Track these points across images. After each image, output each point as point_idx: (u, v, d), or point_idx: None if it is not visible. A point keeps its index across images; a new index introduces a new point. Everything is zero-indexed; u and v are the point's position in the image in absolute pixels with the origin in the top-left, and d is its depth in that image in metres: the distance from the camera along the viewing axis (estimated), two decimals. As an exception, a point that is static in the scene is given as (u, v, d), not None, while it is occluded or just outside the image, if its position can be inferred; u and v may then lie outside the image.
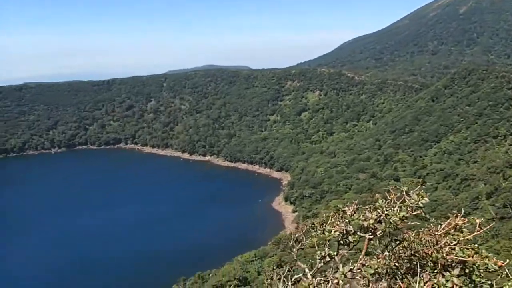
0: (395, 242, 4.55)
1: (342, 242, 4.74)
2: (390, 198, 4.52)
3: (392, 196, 4.54)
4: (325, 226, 4.85)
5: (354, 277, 4.32)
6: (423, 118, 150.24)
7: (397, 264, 4.34)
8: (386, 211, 4.43)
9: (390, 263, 4.47)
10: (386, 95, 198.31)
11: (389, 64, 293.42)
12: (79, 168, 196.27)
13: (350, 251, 4.75)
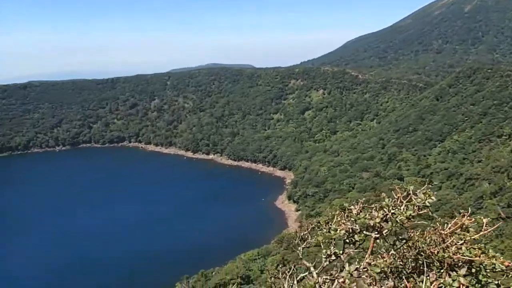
0: (401, 241, 4.55)
1: (347, 241, 4.73)
2: (397, 197, 4.51)
3: (398, 195, 4.53)
4: (330, 224, 4.85)
5: (360, 276, 4.31)
6: (427, 117, 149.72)
7: (402, 263, 4.33)
8: (393, 210, 4.42)
9: (396, 262, 4.46)
10: (390, 94, 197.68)
11: (393, 62, 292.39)
12: (83, 166, 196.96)
13: (356, 250, 4.74)
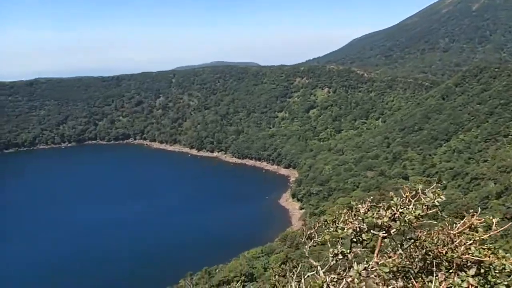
0: (409, 241, 4.50)
1: (355, 240, 4.70)
2: (405, 196, 4.47)
3: (406, 194, 4.49)
4: (337, 223, 4.82)
5: (369, 275, 4.27)
6: (433, 116, 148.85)
7: (410, 263, 4.29)
8: (401, 209, 4.38)
9: (405, 262, 4.42)
10: (395, 93, 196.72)
11: (399, 61, 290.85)
12: (88, 163, 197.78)
13: (363, 249, 4.70)
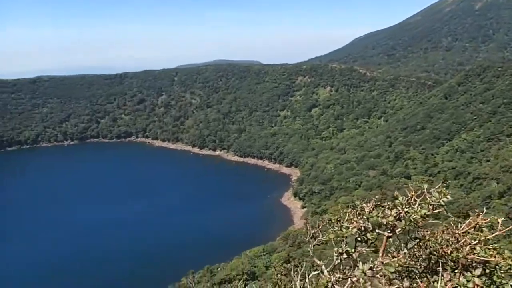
0: (414, 240, 4.48)
1: (360, 239, 4.68)
2: (410, 196, 4.45)
3: (412, 193, 4.46)
4: (342, 222, 4.80)
5: (374, 275, 4.25)
6: (436, 115, 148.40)
7: (415, 263, 4.27)
8: (406, 209, 4.36)
9: (411, 262, 4.40)
10: (398, 92, 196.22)
11: (401, 60, 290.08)
12: (89, 161, 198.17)
13: (368, 249, 4.68)
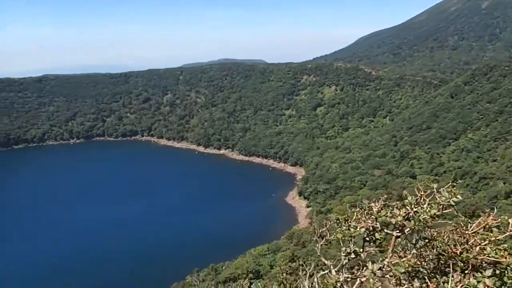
0: (423, 240, 4.44)
1: (368, 239, 4.64)
2: (419, 195, 4.40)
3: (421, 193, 4.42)
4: (350, 222, 4.76)
5: (384, 275, 4.20)
6: (442, 114, 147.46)
7: (422, 263, 4.22)
8: (415, 208, 4.32)
9: (422, 262, 4.35)
10: (403, 91, 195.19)
11: (407, 59, 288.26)
12: (94, 160, 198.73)
13: (376, 249, 4.63)
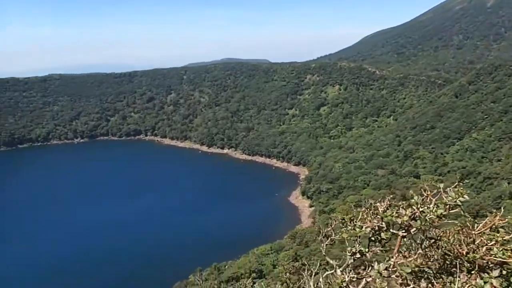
0: (429, 240, 4.42)
1: (373, 239, 4.63)
2: (426, 195, 4.39)
3: (427, 192, 4.40)
4: (355, 221, 4.75)
5: (390, 275, 4.18)
6: (446, 114, 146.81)
7: (427, 263, 4.20)
8: (421, 208, 4.31)
9: (428, 262, 4.34)
10: (407, 90, 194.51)
11: (411, 58, 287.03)
12: (98, 159, 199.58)
13: (381, 249, 4.61)
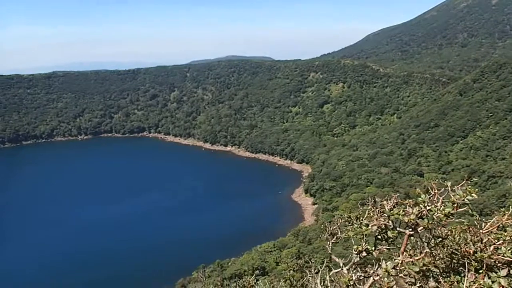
0: (437, 239, 4.40)
1: (380, 237, 4.60)
2: (433, 193, 4.36)
3: (434, 191, 4.38)
4: (362, 220, 4.72)
5: (398, 274, 4.15)
6: (450, 112, 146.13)
7: (438, 262, 4.18)
8: (429, 207, 4.28)
9: (436, 261, 4.32)
10: (411, 88, 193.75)
11: (415, 56, 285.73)
12: (102, 156, 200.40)
13: (388, 247, 4.59)
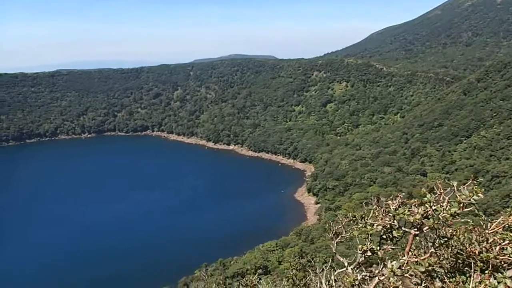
0: (442, 239, 4.38)
1: (385, 237, 4.59)
2: (439, 193, 4.34)
3: (440, 191, 4.36)
4: (366, 219, 4.71)
5: (404, 274, 4.13)
6: (454, 112, 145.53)
7: (443, 262, 4.16)
8: (434, 207, 4.26)
9: (442, 261, 4.30)
10: (415, 88, 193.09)
11: (419, 55, 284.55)
12: (105, 154, 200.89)
13: (393, 247, 4.58)
